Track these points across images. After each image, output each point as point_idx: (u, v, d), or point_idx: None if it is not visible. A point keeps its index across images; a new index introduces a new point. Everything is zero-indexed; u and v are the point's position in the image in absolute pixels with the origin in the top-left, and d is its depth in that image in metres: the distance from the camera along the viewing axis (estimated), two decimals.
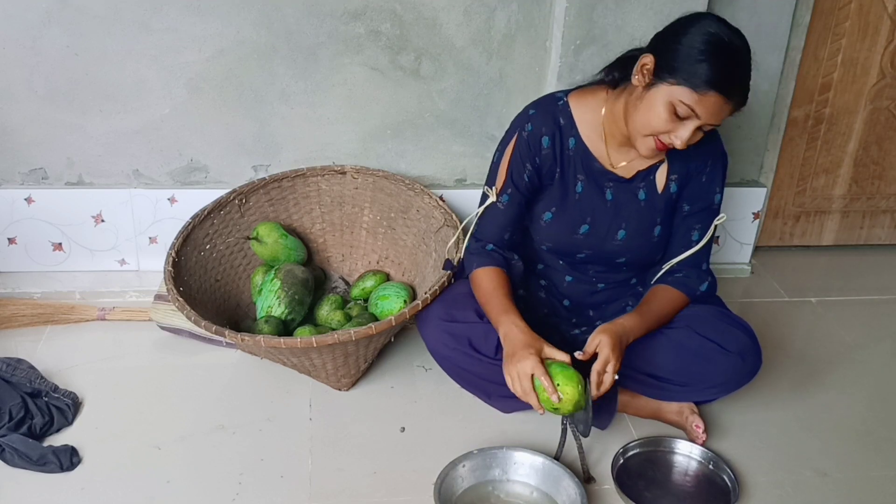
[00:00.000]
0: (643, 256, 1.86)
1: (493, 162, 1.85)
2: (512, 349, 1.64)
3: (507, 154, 1.80)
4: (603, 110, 1.75)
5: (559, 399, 1.57)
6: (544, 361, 1.61)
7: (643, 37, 1.67)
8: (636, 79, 1.63)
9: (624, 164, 1.79)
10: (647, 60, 1.60)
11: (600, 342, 1.64)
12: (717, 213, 1.82)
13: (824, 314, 2.44)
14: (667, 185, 1.80)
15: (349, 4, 2.13)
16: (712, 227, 1.81)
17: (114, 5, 2.07)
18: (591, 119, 1.77)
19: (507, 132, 1.83)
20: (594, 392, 1.61)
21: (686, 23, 1.60)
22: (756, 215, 2.55)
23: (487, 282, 1.78)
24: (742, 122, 2.43)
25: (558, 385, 1.57)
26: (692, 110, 1.56)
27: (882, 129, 2.57)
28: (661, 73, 1.58)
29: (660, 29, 1.67)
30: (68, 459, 1.73)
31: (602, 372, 1.62)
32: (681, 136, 1.59)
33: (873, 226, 2.76)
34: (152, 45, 2.12)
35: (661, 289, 1.83)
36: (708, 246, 1.83)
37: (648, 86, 1.60)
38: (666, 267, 1.84)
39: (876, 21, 2.40)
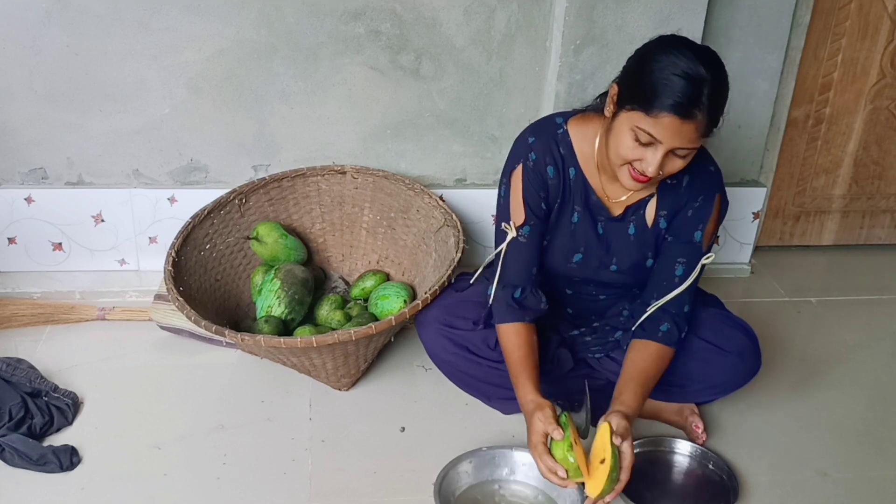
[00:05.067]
0: (638, 282, 1.81)
1: (500, 196, 1.76)
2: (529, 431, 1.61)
3: (516, 185, 1.72)
4: (597, 142, 1.70)
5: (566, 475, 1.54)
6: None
7: (643, 37, 1.67)
8: (607, 109, 1.60)
9: (618, 198, 1.73)
10: (613, 90, 1.58)
11: (620, 441, 1.53)
12: (701, 252, 1.72)
13: (824, 314, 2.44)
14: (656, 220, 1.74)
15: (349, 4, 2.13)
16: (699, 266, 1.71)
17: (114, 5, 2.07)
18: (588, 150, 1.72)
19: (508, 162, 1.75)
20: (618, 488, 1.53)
21: (646, 48, 1.56)
22: (756, 215, 2.55)
23: (508, 341, 1.72)
24: (742, 122, 2.43)
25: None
26: (650, 135, 1.51)
27: (882, 128, 2.57)
28: (622, 100, 1.55)
29: (659, 29, 1.67)
30: (68, 459, 1.73)
31: (629, 468, 1.53)
32: (649, 163, 1.53)
33: (873, 226, 2.76)
34: (152, 45, 2.12)
35: (649, 347, 1.71)
36: (692, 287, 1.72)
37: (614, 115, 1.58)
38: (650, 310, 1.72)
39: (876, 21, 2.40)
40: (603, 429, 1.54)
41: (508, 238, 1.73)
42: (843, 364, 2.21)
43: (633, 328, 1.76)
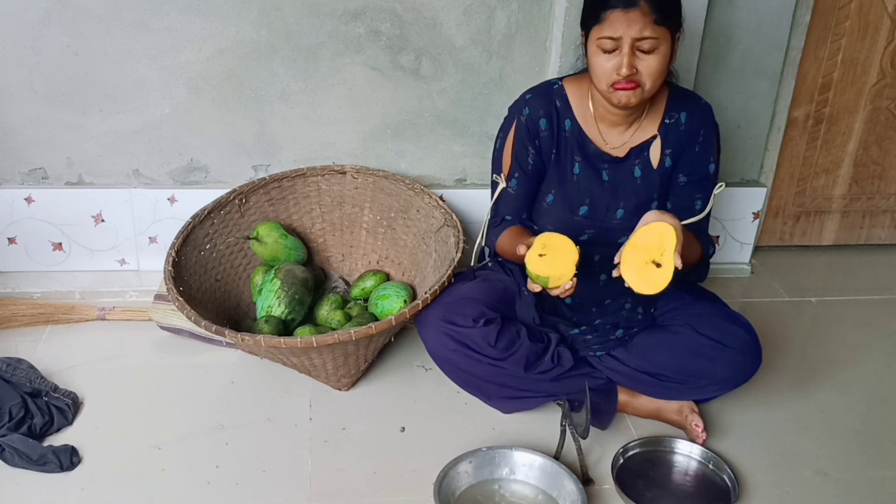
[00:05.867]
0: None
1: (495, 149, 1.92)
2: None
3: (509, 140, 1.86)
4: (591, 92, 1.81)
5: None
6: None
7: None
8: (582, 41, 1.75)
9: (618, 144, 1.83)
10: (580, 36, 1.75)
11: (657, 216, 1.62)
12: (715, 183, 1.84)
13: (824, 314, 2.44)
14: (661, 160, 1.84)
15: (349, 4, 2.13)
16: (713, 196, 1.83)
17: (114, 5, 2.07)
18: (584, 102, 1.84)
19: (505, 118, 1.90)
20: (677, 262, 1.55)
21: None
22: (756, 215, 2.55)
23: (509, 237, 1.86)
24: (742, 122, 2.43)
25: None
26: (609, 38, 1.64)
27: (882, 128, 2.57)
28: (585, 33, 1.73)
29: None
30: (68, 459, 1.73)
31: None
32: (622, 65, 1.65)
33: (873, 226, 2.76)
34: (152, 45, 2.12)
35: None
36: (709, 215, 1.84)
37: (586, 45, 1.72)
38: None
39: (876, 21, 2.40)
40: (666, 231, 1.54)
41: (499, 188, 1.89)
42: (843, 364, 2.21)
43: None
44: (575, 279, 1.65)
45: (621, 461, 1.81)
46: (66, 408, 1.86)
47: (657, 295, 1.81)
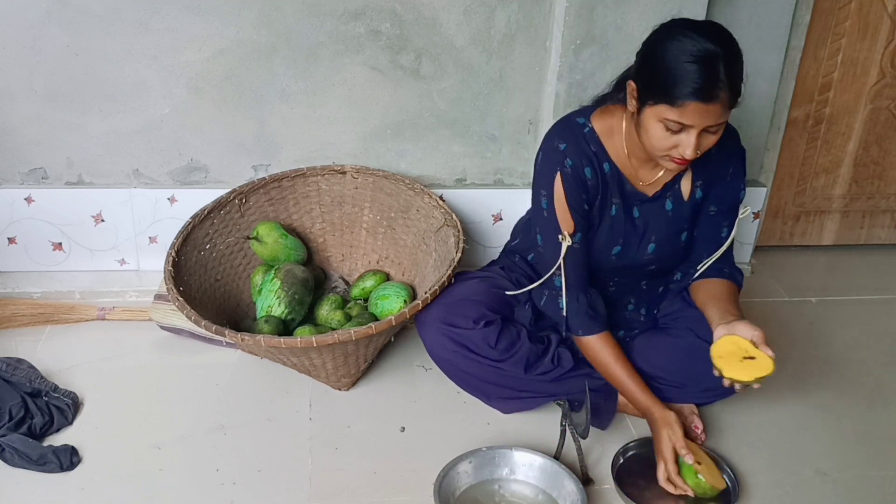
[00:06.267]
0: (670, 262, 1.86)
1: (542, 208, 1.76)
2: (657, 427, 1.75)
3: (559, 194, 1.72)
4: (623, 129, 1.73)
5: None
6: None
7: (643, 37, 1.67)
8: (630, 104, 1.63)
9: (651, 180, 1.77)
10: (631, 86, 1.61)
11: (738, 327, 1.63)
12: (738, 209, 1.82)
13: (824, 314, 2.44)
14: (692, 192, 1.79)
15: (349, 4, 2.13)
16: (737, 222, 1.81)
17: (114, 5, 2.07)
18: (617, 142, 1.74)
19: (540, 172, 1.75)
20: (770, 352, 1.59)
21: (654, 40, 1.59)
22: (756, 215, 2.55)
23: (603, 353, 1.80)
24: (742, 122, 2.42)
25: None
26: (680, 123, 1.54)
27: (882, 128, 2.57)
28: (644, 96, 1.58)
29: None
30: (68, 459, 1.73)
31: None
32: (687, 148, 1.57)
33: (873, 226, 2.76)
34: (152, 45, 2.12)
35: (716, 282, 1.81)
36: (733, 240, 1.83)
37: (639, 110, 1.61)
38: (704, 266, 1.81)
39: (876, 21, 2.40)
40: (735, 339, 1.62)
41: (564, 247, 1.74)
42: (843, 364, 2.21)
43: (692, 279, 1.85)
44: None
45: (621, 461, 1.81)
46: (66, 408, 1.86)
47: (659, 298, 1.82)
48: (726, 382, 1.60)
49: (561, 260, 1.75)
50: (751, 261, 2.62)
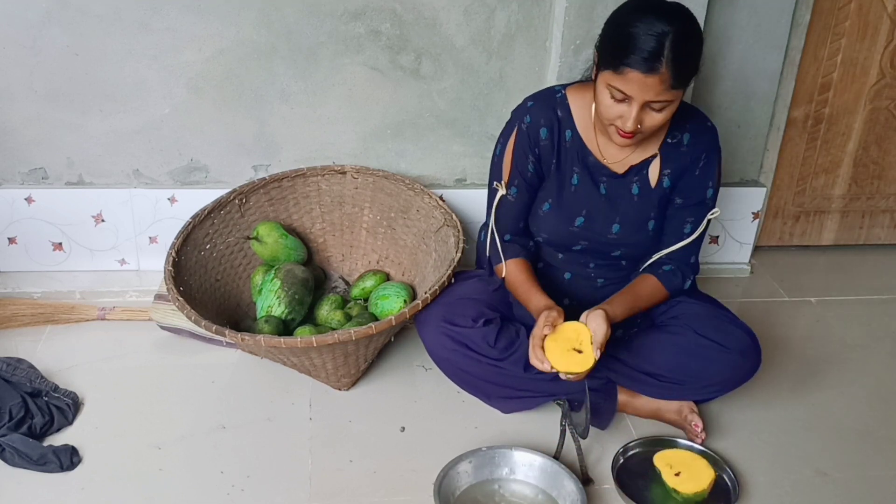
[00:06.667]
0: (638, 249, 1.87)
1: (494, 155, 1.88)
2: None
3: (509, 147, 1.83)
4: (592, 106, 1.77)
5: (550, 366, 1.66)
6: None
7: None
8: (592, 72, 1.70)
9: (617, 160, 1.80)
10: (595, 54, 1.67)
11: (592, 317, 1.67)
12: (711, 208, 1.83)
13: (824, 314, 2.44)
14: (660, 180, 1.81)
15: (349, 4, 2.13)
16: (705, 221, 1.83)
17: (114, 5, 2.07)
18: (586, 114, 1.80)
19: (506, 124, 1.86)
20: (596, 353, 1.63)
21: (618, 10, 1.65)
22: (756, 215, 2.55)
23: (516, 273, 1.84)
24: (742, 122, 2.43)
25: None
26: (621, 91, 1.59)
27: (882, 128, 2.57)
28: (599, 62, 1.64)
29: None
30: (68, 459, 1.73)
31: (602, 343, 1.64)
32: (627, 119, 1.61)
33: (873, 226, 2.76)
34: (152, 45, 2.12)
35: (647, 279, 1.85)
36: (699, 239, 1.84)
37: (595, 77, 1.67)
38: (656, 256, 1.85)
39: (876, 21, 2.40)
40: (581, 327, 1.66)
41: (498, 195, 1.85)
42: (843, 364, 2.21)
43: (639, 270, 1.88)
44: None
45: (621, 461, 1.81)
46: (66, 408, 1.86)
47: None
48: (546, 366, 1.64)
49: (494, 203, 1.85)
50: (751, 261, 2.62)
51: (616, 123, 1.65)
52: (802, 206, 2.69)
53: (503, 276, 1.88)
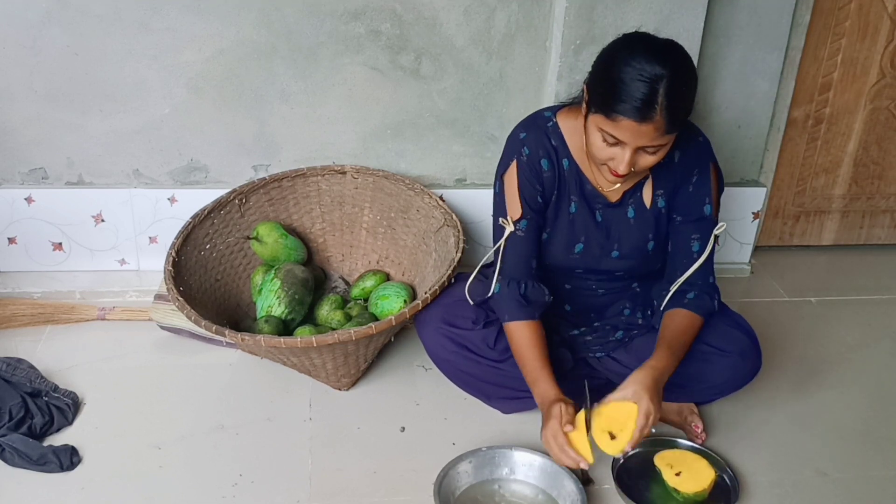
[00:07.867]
0: (640, 269, 1.83)
1: (496, 193, 1.78)
2: (545, 416, 1.66)
3: (511, 180, 1.74)
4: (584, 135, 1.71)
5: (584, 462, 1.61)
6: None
7: None
8: (583, 108, 1.62)
9: (612, 188, 1.74)
10: (585, 92, 1.61)
11: (636, 393, 1.58)
12: (714, 224, 1.75)
13: (824, 314, 2.44)
14: (654, 200, 1.76)
15: (349, 4, 2.13)
16: (712, 237, 1.75)
17: (114, 5, 2.07)
18: (578, 141, 1.72)
19: (501, 159, 1.77)
20: (628, 447, 1.58)
21: (610, 49, 1.58)
22: (756, 215, 2.55)
23: (522, 339, 1.73)
24: (742, 122, 2.43)
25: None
26: (614, 137, 1.53)
27: (882, 128, 2.57)
28: (590, 101, 1.58)
29: (660, 29, 1.67)
30: (68, 459, 1.73)
31: (645, 427, 1.57)
32: (620, 164, 1.56)
33: (873, 226, 2.76)
34: (152, 45, 2.12)
35: (678, 314, 1.75)
36: (711, 257, 1.77)
37: (586, 116, 1.60)
38: (675, 287, 1.76)
39: (876, 21, 2.40)
40: (629, 408, 1.58)
41: (507, 233, 1.74)
42: (843, 364, 2.21)
43: (661, 308, 1.78)
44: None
45: (621, 461, 1.81)
46: (66, 408, 1.86)
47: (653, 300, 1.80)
48: (584, 464, 1.59)
49: (501, 244, 1.75)
50: (751, 261, 2.62)
51: (608, 164, 1.60)
52: (802, 206, 2.69)
53: (508, 335, 1.77)
